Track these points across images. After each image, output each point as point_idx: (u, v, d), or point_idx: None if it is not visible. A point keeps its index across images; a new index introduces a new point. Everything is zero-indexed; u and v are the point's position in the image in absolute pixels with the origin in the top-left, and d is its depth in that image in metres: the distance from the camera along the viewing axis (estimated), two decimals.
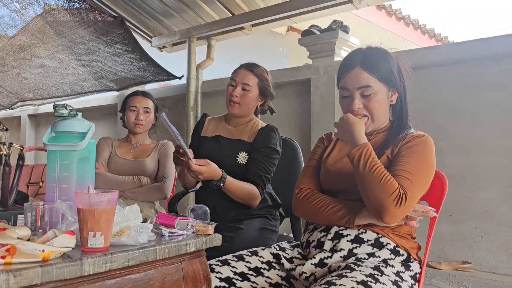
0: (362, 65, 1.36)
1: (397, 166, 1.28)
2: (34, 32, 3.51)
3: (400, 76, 1.41)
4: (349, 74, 1.39)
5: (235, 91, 1.90)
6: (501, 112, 2.38)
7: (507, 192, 2.34)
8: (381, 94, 1.37)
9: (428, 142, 1.34)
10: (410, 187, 1.22)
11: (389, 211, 1.19)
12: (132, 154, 2.39)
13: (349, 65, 1.40)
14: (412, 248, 1.33)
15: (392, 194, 1.19)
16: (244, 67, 1.96)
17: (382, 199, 1.20)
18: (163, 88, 4.69)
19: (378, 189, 1.20)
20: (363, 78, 1.35)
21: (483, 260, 2.40)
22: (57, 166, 1.21)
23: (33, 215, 1.10)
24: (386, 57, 1.40)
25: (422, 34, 6.87)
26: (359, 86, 1.36)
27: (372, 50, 1.42)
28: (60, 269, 0.85)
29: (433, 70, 2.63)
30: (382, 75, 1.36)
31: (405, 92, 1.44)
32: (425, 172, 1.29)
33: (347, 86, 1.39)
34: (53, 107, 1.23)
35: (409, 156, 1.30)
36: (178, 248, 1.08)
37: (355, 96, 1.37)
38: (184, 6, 3.71)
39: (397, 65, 1.41)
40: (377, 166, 1.23)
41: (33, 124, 6.10)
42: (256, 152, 1.87)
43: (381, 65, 1.37)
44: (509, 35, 2.42)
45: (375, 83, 1.35)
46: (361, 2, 3.01)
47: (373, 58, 1.38)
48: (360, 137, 1.29)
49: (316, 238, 1.37)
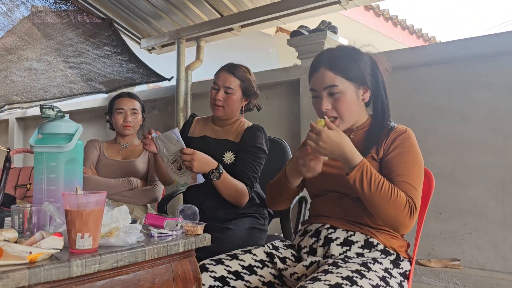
0: (328, 65, 1.36)
1: (394, 171, 1.29)
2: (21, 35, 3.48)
3: (375, 73, 1.40)
4: (315, 75, 1.39)
5: (218, 95, 1.90)
6: (489, 110, 2.41)
7: (494, 190, 2.36)
8: (350, 93, 1.35)
9: (412, 136, 1.36)
10: (414, 192, 1.25)
11: (404, 225, 1.23)
12: (121, 155, 2.37)
13: (315, 66, 1.40)
14: (401, 247, 1.34)
15: (404, 209, 1.21)
16: (225, 69, 1.95)
17: (396, 216, 1.22)
18: (152, 90, 4.67)
19: (389, 208, 1.21)
20: (329, 78, 1.35)
21: (472, 257, 2.42)
22: (44, 168, 1.20)
23: (20, 217, 1.09)
24: (354, 55, 1.39)
25: (410, 34, 6.93)
26: (325, 86, 1.35)
27: (339, 50, 1.42)
28: (48, 271, 0.84)
29: (421, 70, 2.66)
30: (349, 74, 1.35)
31: (384, 89, 1.41)
32: (419, 168, 1.31)
33: (314, 87, 1.39)
34: (39, 109, 1.22)
35: (401, 157, 1.30)
36: (168, 249, 1.08)
37: (323, 96, 1.36)
38: (173, 7, 3.70)
39: (370, 63, 1.40)
40: (381, 183, 1.22)
41: (21, 127, 6.03)
42: (243, 151, 1.88)
43: (347, 64, 1.36)
44: (495, 34, 2.45)
45: (341, 82, 1.34)
46: (349, 2, 3.03)
47: (338, 57, 1.37)
48: (354, 156, 1.23)
49: (308, 244, 1.38)
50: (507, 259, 2.31)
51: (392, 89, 2.70)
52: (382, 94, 1.41)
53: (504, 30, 5.09)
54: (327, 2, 3.04)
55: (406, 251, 1.37)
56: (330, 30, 3.13)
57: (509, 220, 2.31)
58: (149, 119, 4.26)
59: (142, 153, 2.36)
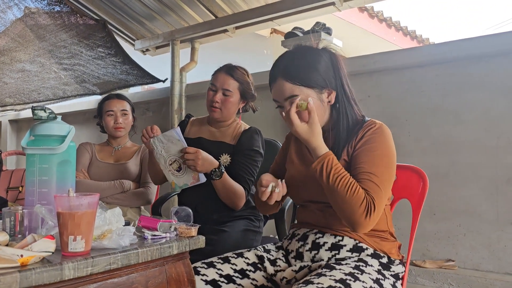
0: (284, 75, 1.30)
1: (358, 168, 1.24)
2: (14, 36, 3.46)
3: (337, 71, 1.33)
4: (274, 86, 1.35)
5: (215, 96, 1.88)
6: (482, 111, 2.42)
7: (487, 190, 2.37)
8: (312, 99, 1.29)
9: (383, 131, 1.29)
10: (376, 191, 1.20)
11: (360, 223, 1.18)
12: (114, 157, 2.35)
13: (272, 77, 1.35)
14: (391, 249, 1.32)
15: (360, 206, 1.17)
16: (224, 71, 1.92)
17: (351, 213, 1.18)
18: (146, 91, 4.66)
19: (345, 203, 1.18)
20: (287, 89, 1.30)
21: (466, 258, 2.43)
22: (36, 170, 1.19)
23: (11, 220, 1.08)
24: (311, 59, 1.32)
25: (404, 36, 6.96)
26: (285, 98, 1.31)
27: (294, 55, 1.34)
28: (39, 274, 0.83)
29: (415, 71, 2.66)
30: (307, 81, 1.29)
31: (347, 85, 1.35)
32: (386, 165, 1.25)
33: (275, 98, 1.36)
34: (31, 110, 1.20)
35: (367, 154, 1.25)
36: (161, 251, 1.07)
37: (286, 106, 1.32)
38: (167, 9, 3.69)
39: (330, 61, 1.33)
40: (340, 177, 1.19)
41: (14, 129, 6.00)
42: (240, 154, 1.86)
43: (304, 71, 1.29)
44: (488, 35, 2.47)
45: (301, 91, 1.28)
46: (343, 4, 3.03)
47: (294, 65, 1.31)
48: (318, 148, 1.23)
49: (294, 248, 1.37)
50: (501, 259, 2.32)
51: (386, 90, 2.74)
52: (346, 90, 1.35)
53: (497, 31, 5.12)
54: (322, 3, 3.04)
55: (398, 252, 1.35)
56: (324, 32, 3.14)
57: (503, 221, 2.32)
58: (143, 121, 4.24)
59: (134, 155, 2.35)
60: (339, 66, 1.34)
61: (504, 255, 2.31)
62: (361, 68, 2.83)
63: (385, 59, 2.77)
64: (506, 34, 2.37)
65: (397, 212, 1.65)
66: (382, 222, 1.32)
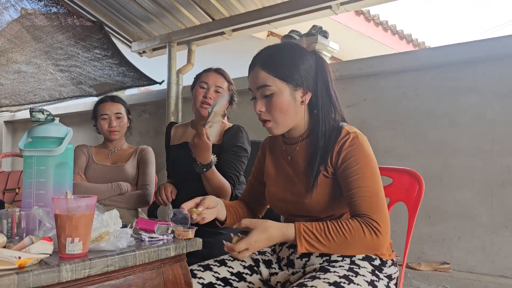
0: (262, 64, 1.28)
1: (349, 189, 1.21)
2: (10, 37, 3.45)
3: (320, 74, 1.29)
4: (250, 74, 1.32)
5: (208, 93, 1.92)
6: (476, 115, 2.44)
7: (482, 193, 2.39)
8: (284, 95, 1.26)
9: (357, 140, 1.24)
10: (373, 205, 1.17)
11: (377, 246, 1.17)
12: (110, 159, 2.35)
13: (251, 65, 1.32)
14: (382, 250, 1.29)
15: (365, 236, 1.14)
16: (214, 70, 1.99)
17: (364, 246, 1.16)
18: (143, 93, 4.65)
19: (353, 246, 1.15)
20: (261, 78, 1.27)
21: (461, 260, 2.44)
22: (34, 172, 1.19)
23: (9, 222, 1.08)
24: (293, 54, 1.29)
25: (400, 40, 7.00)
26: (258, 86, 1.28)
27: (277, 48, 1.32)
28: (37, 276, 0.83)
29: (410, 74, 2.68)
30: (283, 74, 1.25)
31: (328, 91, 1.30)
32: (372, 172, 1.22)
33: (250, 86, 1.33)
34: (29, 112, 1.21)
35: (350, 169, 1.22)
36: (158, 253, 1.08)
37: (258, 97, 1.30)
38: (164, 11, 3.69)
39: (315, 63, 1.30)
40: (328, 232, 1.14)
41: (10, 130, 5.97)
42: (225, 152, 1.90)
43: (283, 63, 1.26)
44: (483, 40, 2.49)
45: (274, 82, 1.25)
46: (340, 7, 3.05)
47: (275, 55, 1.29)
48: (287, 231, 1.16)
49: (285, 255, 1.37)
50: (495, 262, 2.34)
51: (382, 94, 2.75)
52: (330, 96, 1.30)
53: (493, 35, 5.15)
54: (318, 7, 3.06)
55: (389, 252, 1.33)
56: (321, 35, 3.16)
57: (497, 224, 2.34)
58: (140, 122, 4.24)
59: (131, 157, 2.35)
60: (324, 70, 1.31)
61: (498, 258, 2.33)
62: (357, 71, 2.85)
63: (381, 62, 2.78)
64: (501, 38, 2.39)
65: (393, 215, 1.66)
66: None
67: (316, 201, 1.28)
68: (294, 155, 1.37)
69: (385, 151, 2.70)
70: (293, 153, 1.37)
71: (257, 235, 1.15)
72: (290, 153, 1.38)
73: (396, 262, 1.36)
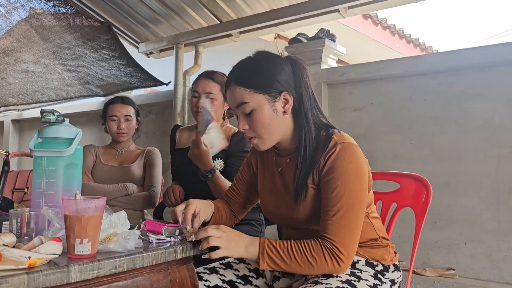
0: (236, 80, 1.23)
1: (324, 206, 1.17)
2: (19, 37, 3.48)
3: (297, 79, 1.24)
4: (227, 93, 1.27)
5: (199, 102, 1.92)
6: (483, 120, 2.43)
7: (489, 199, 2.38)
8: (265, 109, 1.20)
9: (344, 153, 1.17)
10: (338, 233, 1.12)
11: (335, 271, 1.14)
12: (117, 160, 2.36)
13: (226, 83, 1.28)
14: (384, 255, 1.29)
15: (326, 260, 1.11)
16: (203, 76, 1.98)
17: (322, 269, 1.13)
18: (149, 94, 4.67)
19: (313, 268, 1.13)
20: (237, 95, 1.22)
21: (467, 267, 2.43)
22: (44, 172, 1.20)
23: (18, 221, 1.09)
24: (265, 63, 1.23)
25: (407, 44, 6.98)
26: (236, 105, 1.23)
27: (248, 61, 1.27)
28: (47, 276, 0.84)
29: (417, 79, 2.68)
30: (258, 85, 1.20)
31: (310, 94, 1.25)
32: (349, 195, 1.15)
33: (230, 105, 1.28)
34: (40, 113, 1.21)
35: (328, 186, 1.17)
36: (166, 255, 1.08)
37: (239, 115, 1.25)
38: (172, 12, 3.71)
39: (291, 69, 1.24)
40: (293, 250, 1.13)
41: (17, 129, 6.01)
42: (232, 157, 1.90)
43: (256, 74, 1.21)
44: (491, 45, 2.48)
45: (251, 97, 1.20)
46: (348, 11, 3.05)
47: (247, 69, 1.23)
48: (250, 253, 1.16)
49: None
50: (502, 269, 2.32)
51: (389, 98, 2.74)
52: (306, 100, 1.23)
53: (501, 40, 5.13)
54: (326, 10, 3.06)
55: (392, 256, 1.31)
56: (328, 38, 3.15)
57: (504, 230, 2.33)
58: (146, 123, 4.25)
59: (138, 158, 2.36)
60: (302, 75, 1.24)
61: (505, 264, 2.32)
62: (364, 75, 2.84)
63: (389, 66, 2.78)
64: (509, 44, 2.38)
65: (398, 220, 1.66)
66: (369, 231, 1.29)
67: (305, 214, 1.25)
68: (284, 167, 1.33)
69: (391, 156, 2.69)
70: (284, 164, 1.33)
71: (228, 228, 1.17)
72: (280, 165, 1.34)
73: (400, 266, 1.35)
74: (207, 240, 1.12)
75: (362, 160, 1.20)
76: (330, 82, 2.99)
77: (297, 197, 1.23)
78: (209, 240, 1.12)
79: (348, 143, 1.19)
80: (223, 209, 1.47)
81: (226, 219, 1.47)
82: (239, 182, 1.52)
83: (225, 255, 1.14)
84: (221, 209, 1.46)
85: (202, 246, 1.12)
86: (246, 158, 1.53)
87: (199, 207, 1.29)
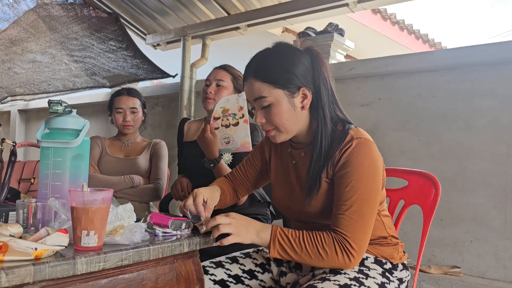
0: (254, 74, 1.22)
1: (337, 200, 1.16)
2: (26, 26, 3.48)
3: (316, 73, 1.22)
4: (245, 86, 1.26)
5: (209, 88, 1.95)
6: (492, 118, 2.40)
7: (496, 198, 2.36)
8: (283, 103, 1.20)
9: (361, 148, 1.16)
10: (350, 225, 1.12)
11: (345, 266, 1.14)
12: (124, 152, 2.36)
13: (244, 76, 1.26)
14: (393, 253, 1.28)
15: (337, 254, 1.11)
16: (217, 67, 2.02)
17: (332, 263, 1.13)
18: (156, 86, 4.66)
19: (323, 260, 1.12)
20: (256, 89, 1.21)
21: (472, 265, 2.42)
22: (51, 163, 1.19)
23: (25, 212, 1.09)
24: (285, 57, 1.21)
25: (416, 39, 6.92)
26: (254, 98, 1.23)
27: (267, 54, 1.25)
28: (53, 268, 0.84)
29: (426, 75, 2.65)
30: (277, 80, 1.19)
31: (328, 88, 1.23)
32: (363, 190, 1.14)
33: (247, 98, 1.28)
34: (47, 104, 1.21)
35: (342, 180, 1.16)
36: (172, 248, 1.08)
37: (256, 109, 1.25)
38: (180, 4, 3.69)
39: (310, 63, 1.23)
40: (304, 240, 1.12)
41: (23, 119, 6.03)
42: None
43: (275, 69, 1.20)
44: (500, 42, 2.45)
45: (270, 92, 1.19)
46: (357, 5, 3.02)
47: (266, 63, 1.22)
48: (258, 236, 1.15)
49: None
50: (508, 268, 2.31)
51: (397, 94, 2.72)
52: (324, 95, 1.22)
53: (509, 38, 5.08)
54: (335, 4, 3.03)
55: (400, 255, 1.30)
56: (337, 33, 3.13)
57: (511, 229, 2.31)
58: (152, 115, 4.25)
59: (144, 150, 2.36)
60: (322, 68, 1.22)
61: (511, 263, 2.30)
62: (373, 70, 2.82)
63: (397, 62, 2.75)
64: None
65: (406, 217, 1.65)
66: (379, 229, 1.28)
67: (317, 209, 1.24)
68: (299, 160, 1.32)
69: (398, 152, 2.67)
70: (299, 157, 1.32)
71: (238, 215, 1.17)
72: (295, 158, 1.33)
73: (408, 265, 1.34)
74: (217, 227, 1.12)
75: (377, 157, 1.19)
76: (338, 77, 2.97)
77: (310, 191, 1.22)
78: (219, 227, 1.12)
79: (365, 138, 1.19)
80: (227, 190, 1.47)
81: (230, 200, 1.49)
82: (248, 165, 1.51)
83: (236, 241, 1.13)
84: (226, 190, 1.46)
85: (214, 234, 1.13)
86: (260, 142, 1.51)
87: (206, 195, 1.29)
